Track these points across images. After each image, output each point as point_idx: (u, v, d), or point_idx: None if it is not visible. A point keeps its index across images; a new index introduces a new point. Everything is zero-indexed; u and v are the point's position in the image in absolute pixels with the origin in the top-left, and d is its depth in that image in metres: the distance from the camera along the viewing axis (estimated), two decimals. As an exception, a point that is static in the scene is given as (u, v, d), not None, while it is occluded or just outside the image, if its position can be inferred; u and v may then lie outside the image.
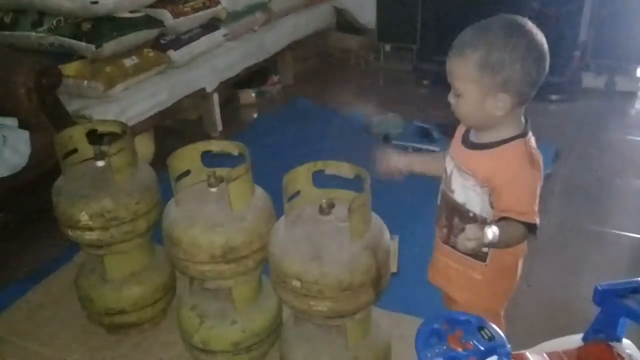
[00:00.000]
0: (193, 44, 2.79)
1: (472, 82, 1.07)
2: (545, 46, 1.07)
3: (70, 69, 2.35)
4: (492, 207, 1.12)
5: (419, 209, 1.76)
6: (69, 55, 2.42)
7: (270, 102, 3.44)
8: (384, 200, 1.29)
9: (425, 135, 2.89)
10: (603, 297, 1.12)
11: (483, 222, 1.12)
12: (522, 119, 1.14)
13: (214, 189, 1.39)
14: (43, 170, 1.98)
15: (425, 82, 3.55)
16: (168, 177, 1.36)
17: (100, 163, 1.53)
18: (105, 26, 2.36)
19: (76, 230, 1.46)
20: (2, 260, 2.04)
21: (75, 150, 1.55)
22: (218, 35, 2.96)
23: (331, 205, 1.25)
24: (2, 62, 2.20)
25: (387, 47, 3.93)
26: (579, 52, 3.33)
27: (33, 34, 2.43)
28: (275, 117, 3.18)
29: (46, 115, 2.11)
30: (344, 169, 1.27)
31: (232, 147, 1.41)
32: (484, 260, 1.19)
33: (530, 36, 1.05)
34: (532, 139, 1.14)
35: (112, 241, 1.48)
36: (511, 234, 1.09)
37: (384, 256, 1.22)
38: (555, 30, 3.16)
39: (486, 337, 0.95)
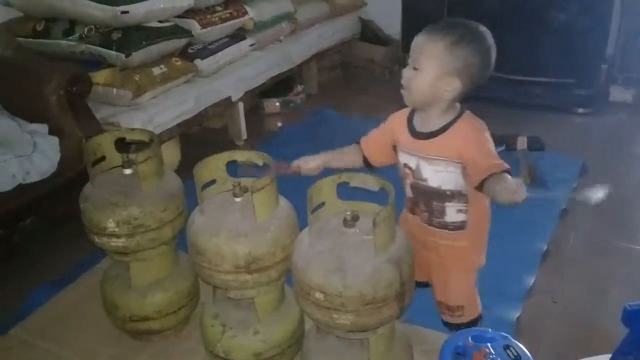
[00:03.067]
0: (220, 53, 2.82)
1: (435, 58, 1.21)
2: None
3: (100, 76, 2.40)
4: (466, 179, 1.25)
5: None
6: (99, 63, 2.46)
7: (294, 111, 3.45)
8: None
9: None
10: (632, 317, 1.10)
11: (460, 195, 1.28)
12: (458, 105, 1.29)
13: (238, 199, 1.39)
14: (71, 177, 2.02)
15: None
16: (193, 184, 1.37)
17: (128, 171, 1.55)
18: (135, 35, 2.40)
19: (102, 237, 1.48)
20: (29, 264, 2.08)
21: (103, 158, 1.57)
22: (244, 45, 2.98)
23: (355, 218, 1.24)
24: (34, 70, 2.25)
25: (412, 58, 3.93)
26: (607, 66, 3.27)
27: (64, 42, 2.48)
28: (300, 126, 3.18)
29: (76, 122, 2.15)
30: (369, 182, 1.26)
31: (257, 157, 1.42)
32: (465, 228, 1.33)
33: (492, 43, 1.23)
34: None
35: (137, 248, 1.50)
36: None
37: (408, 270, 1.21)
38: (582, 43, 3.11)
39: (512, 356, 0.94)
